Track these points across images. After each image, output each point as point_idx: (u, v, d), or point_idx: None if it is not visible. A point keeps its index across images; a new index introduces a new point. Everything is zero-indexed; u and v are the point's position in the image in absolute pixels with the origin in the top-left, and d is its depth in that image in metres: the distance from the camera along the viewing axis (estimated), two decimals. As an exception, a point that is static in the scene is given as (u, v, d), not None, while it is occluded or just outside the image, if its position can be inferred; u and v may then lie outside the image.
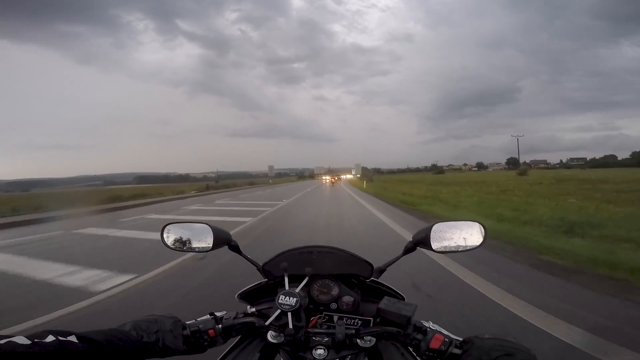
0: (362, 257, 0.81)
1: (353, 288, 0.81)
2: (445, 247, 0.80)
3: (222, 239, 0.84)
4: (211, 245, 0.83)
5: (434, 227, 0.80)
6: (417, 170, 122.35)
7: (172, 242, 0.88)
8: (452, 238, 0.81)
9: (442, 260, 3.87)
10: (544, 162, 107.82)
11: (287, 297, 0.68)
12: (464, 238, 0.82)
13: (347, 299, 0.77)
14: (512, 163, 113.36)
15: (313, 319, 0.74)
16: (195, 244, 0.86)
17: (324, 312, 0.76)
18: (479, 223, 0.82)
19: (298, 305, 0.67)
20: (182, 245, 0.87)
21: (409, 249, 0.81)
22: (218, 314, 0.71)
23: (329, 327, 0.73)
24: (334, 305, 0.78)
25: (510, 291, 2.96)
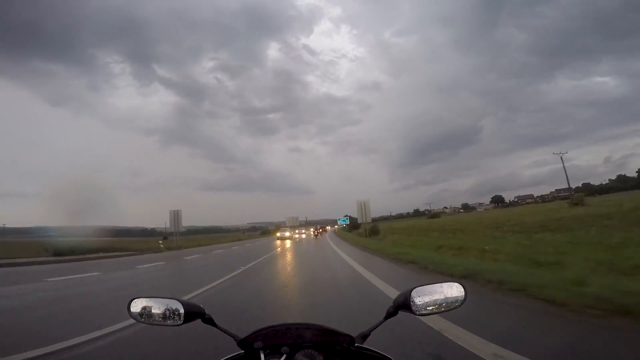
0: (339, 331, 0.82)
1: (338, 356, 0.80)
2: (427, 309, 0.83)
3: (194, 313, 0.85)
4: (182, 320, 0.84)
5: (414, 292, 0.83)
6: (401, 216, 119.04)
7: (140, 316, 0.88)
8: (432, 300, 0.84)
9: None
10: (531, 196, 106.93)
11: None
12: (444, 298, 0.85)
13: None
14: (497, 201, 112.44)
15: None
16: (165, 318, 0.86)
17: None
18: (459, 283, 0.87)
19: None
20: (151, 318, 0.88)
21: (391, 313, 0.86)
22: None
23: None
24: None
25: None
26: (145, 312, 0.88)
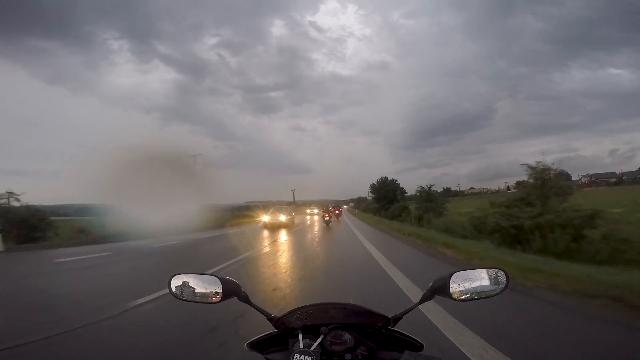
0: (377, 311, 0.81)
1: (368, 338, 0.80)
2: (466, 295, 0.81)
3: (231, 290, 0.86)
4: (220, 297, 0.85)
5: (454, 276, 0.81)
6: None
7: (180, 292, 0.88)
8: (472, 286, 0.81)
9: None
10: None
11: (303, 356, 0.70)
12: (484, 285, 0.82)
13: (363, 349, 0.77)
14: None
15: None
16: (203, 295, 0.87)
17: None
18: (501, 269, 0.83)
19: None
20: (190, 295, 0.88)
21: (426, 297, 0.83)
22: None
23: None
24: (348, 356, 0.77)
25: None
26: (185, 289, 0.88)
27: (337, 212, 26.16)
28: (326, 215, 18.66)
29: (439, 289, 0.80)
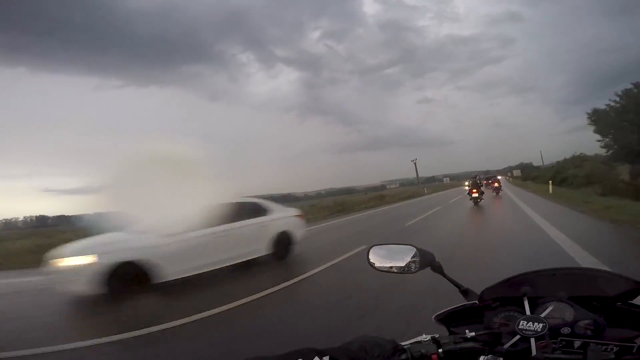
0: (619, 274, 0.70)
1: (595, 311, 0.69)
2: None
3: (426, 260, 0.85)
4: (416, 266, 0.85)
5: None
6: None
7: (378, 263, 0.91)
8: None
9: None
10: None
11: (531, 323, 0.64)
12: None
13: (587, 323, 0.66)
14: None
15: (542, 342, 0.63)
16: (400, 265, 0.87)
17: (560, 338, 0.65)
18: None
19: (545, 331, 0.62)
20: (387, 265, 0.89)
21: None
22: (436, 336, 0.66)
23: (564, 353, 0.63)
24: (565, 330, 0.67)
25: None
26: (384, 260, 0.90)
27: (495, 184, 20.08)
28: (474, 191, 13.60)
29: None
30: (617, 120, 14.47)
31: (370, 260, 0.92)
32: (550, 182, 19.41)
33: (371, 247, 0.93)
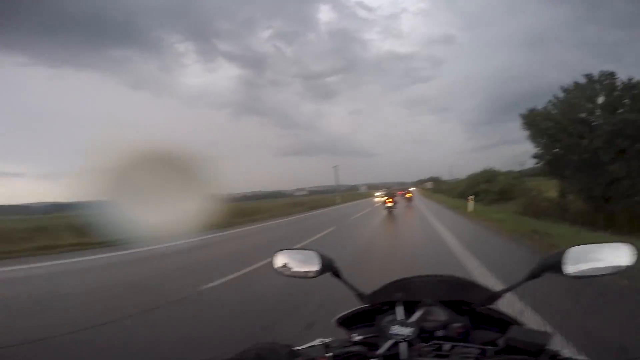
0: (480, 284, 0.80)
1: (462, 314, 0.76)
2: (582, 271, 0.71)
3: (327, 265, 0.86)
4: (318, 270, 0.86)
5: (568, 252, 0.71)
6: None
7: (281, 267, 0.92)
8: (590, 262, 0.71)
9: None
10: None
11: (402, 328, 0.66)
12: (605, 261, 0.71)
13: (457, 326, 0.72)
14: None
15: (417, 346, 0.66)
16: (302, 270, 0.89)
17: (432, 341, 0.69)
18: (628, 244, 0.71)
19: (414, 335, 0.65)
20: (292, 270, 0.90)
21: (534, 274, 0.74)
22: (326, 340, 0.70)
23: (437, 357, 0.65)
24: (439, 333, 0.72)
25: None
26: (287, 264, 0.92)
27: (406, 195, 21.21)
28: (388, 200, 14.67)
29: (550, 266, 0.71)
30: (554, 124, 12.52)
31: (275, 266, 0.93)
32: (471, 197, 15.69)
33: (277, 252, 0.95)
